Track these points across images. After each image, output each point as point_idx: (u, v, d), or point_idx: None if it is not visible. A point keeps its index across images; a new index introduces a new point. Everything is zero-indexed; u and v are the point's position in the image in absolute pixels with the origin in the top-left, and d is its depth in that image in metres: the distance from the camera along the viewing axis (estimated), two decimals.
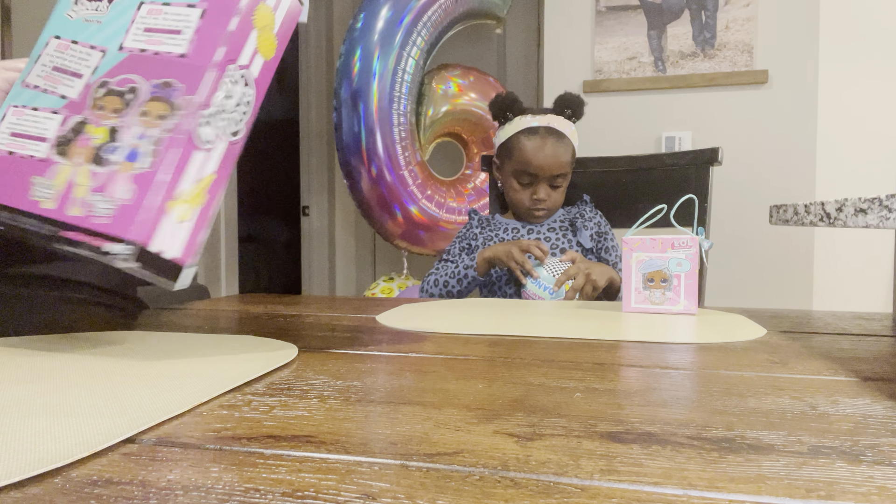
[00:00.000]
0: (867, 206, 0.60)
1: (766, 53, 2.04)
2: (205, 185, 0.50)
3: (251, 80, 0.52)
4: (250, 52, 0.51)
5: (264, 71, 0.53)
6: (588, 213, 1.29)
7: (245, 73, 0.51)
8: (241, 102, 0.52)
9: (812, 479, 0.27)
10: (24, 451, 0.29)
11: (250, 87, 0.52)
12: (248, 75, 0.51)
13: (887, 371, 0.47)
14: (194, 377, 0.43)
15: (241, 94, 0.51)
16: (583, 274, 1.03)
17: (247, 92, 0.52)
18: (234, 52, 0.50)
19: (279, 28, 0.53)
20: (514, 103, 1.27)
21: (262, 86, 0.53)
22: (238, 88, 0.51)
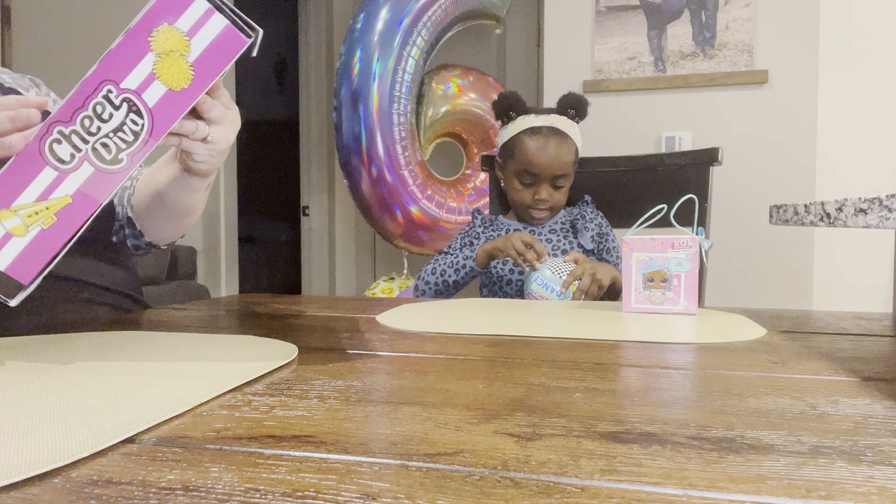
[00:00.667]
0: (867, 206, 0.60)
1: (766, 53, 2.04)
2: (55, 206, 0.47)
3: (142, 108, 0.46)
4: (141, 77, 0.46)
5: (170, 102, 0.46)
6: (589, 213, 1.29)
7: (130, 98, 0.46)
8: (123, 130, 0.47)
9: (812, 479, 0.27)
10: (24, 451, 0.29)
11: (140, 115, 0.46)
12: (136, 102, 0.46)
13: (887, 371, 0.47)
14: (194, 377, 0.43)
15: (121, 121, 0.46)
16: (588, 274, 1.03)
17: (133, 120, 0.46)
18: (114, 73, 0.46)
19: (200, 57, 0.46)
20: (518, 102, 1.27)
21: (164, 118, 0.47)
22: (118, 113, 0.46)
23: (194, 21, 0.45)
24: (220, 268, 2.90)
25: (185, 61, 0.46)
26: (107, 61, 0.46)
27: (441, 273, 1.21)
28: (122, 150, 0.47)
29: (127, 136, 0.47)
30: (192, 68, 0.46)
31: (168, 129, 0.47)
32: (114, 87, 0.46)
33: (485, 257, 1.17)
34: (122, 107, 0.46)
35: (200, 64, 0.46)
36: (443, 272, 1.21)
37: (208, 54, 0.46)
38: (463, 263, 1.19)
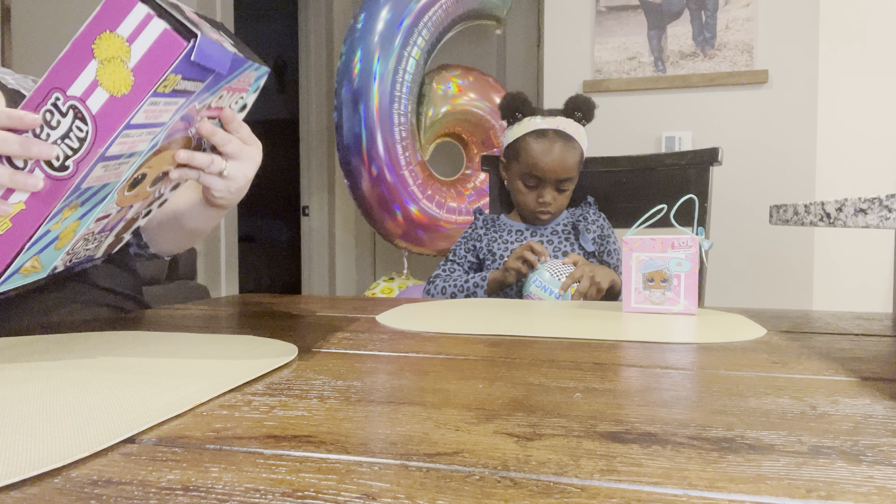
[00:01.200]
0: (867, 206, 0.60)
1: (766, 53, 2.04)
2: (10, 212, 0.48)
3: (86, 115, 0.47)
4: (86, 84, 0.46)
5: (112, 108, 0.46)
6: (591, 215, 1.29)
7: (76, 105, 0.46)
8: (70, 136, 0.47)
9: (812, 479, 0.27)
10: (24, 451, 0.29)
11: (85, 122, 0.47)
12: (81, 108, 0.46)
13: (887, 371, 0.47)
14: (194, 377, 0.43)
15: (68, 127, 0.47)
16: (587, 277, 1.03)
17: (79, 126, 0.47)
18: (62, 81, 0.46)
19: (139, 63, 0.46)
20: (524, 103, 1.26)
21: (107, 124, 0.47)
22: (65, 120, 0.47)
23: (134, 27, 0.45)
24: (220, 268, 2.90)
25: (125, 67, 0.46)
26: (56, 69, 0.46)
27: (451, 296, 1.21)
28: (69, 157, 0.48)
29: (73, 142, 0.48)
30: (132, 74, 0.46)
31: (110, 136, 0.47)
32: (61, 95, 0.47)
33: (496, 287, 1.17)
34: (69, 114, 0.47)
35: (140, 69, 0.46)
36: (452, 294, 1.21)
37: (147, 59, 0.46)
38: (473, 291, 1.19)
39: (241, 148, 0.66)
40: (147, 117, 0.49)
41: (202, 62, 0.48)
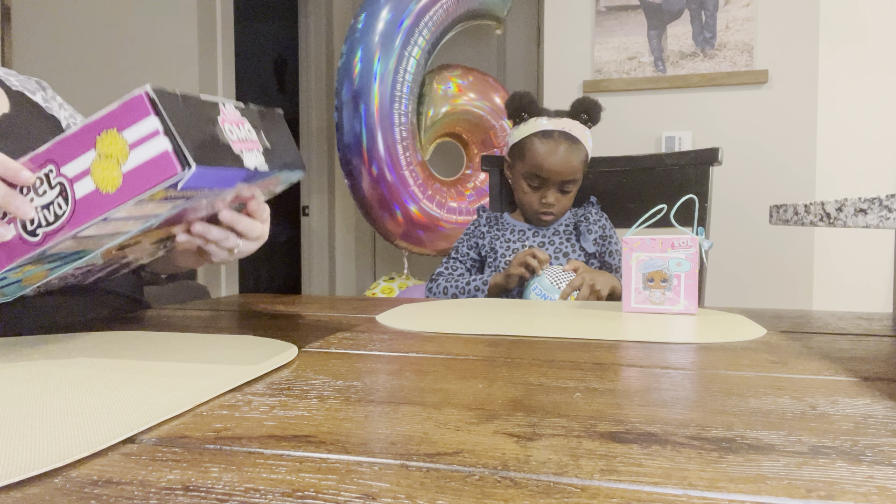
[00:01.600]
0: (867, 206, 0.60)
1: (766, 53, 2.04)
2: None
3: (69, 196, 0.47)
4: (79, 169, 0.47)
5: (94, 200, 0.47)
6: (593, 215, 1.29)
7: (63, 184, 0.47)
8: (49, 209, 0.48)
9: (812, 479, 0.27)
10: (24, 451, 0.29)
11: (66, 202, 0.47)
12: (67, 189, 0.47)
13: (887, 371, 0.47)
14: (194, 377, 0.43)
15: (51, 200, 0.48)
16: (587, 285, 1.03)
17: (59, 203, 0.48)
18: (60, 157, 0.47)
19: (132, 170, 0.46)
20: (531, 104, 1.26)
21: (85, 212, 0.47)
22: (50, 193, 0.48)
23: (139, 136, 0.45)
24: (220, 268, 2.90)
25: (118, 168, 0.46)
26: (59, 144, 0.47)
27: (452, 297, 1.21)
28: (42, 227, 0.48)
29: (50, 215, 0.48)
30: (122, 177, 0.46)
31: (83, 223, 0.48)
32: (55, 169, 0.47)
33: (497, 290, 1.17)
34: (56, 188, 0.48)
35: (131, 176, 0.46)
36: (454, 296, 1.21)
37: (140, 170, 0.46)
38: (475, 295, 1.19)
39: (257, 229, 0.66)
40: (133, 213, 0.49)
41: (192, 187, 0.48)
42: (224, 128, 0.51)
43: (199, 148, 0.47)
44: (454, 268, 1.27)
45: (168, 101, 0.46)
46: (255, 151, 0.54)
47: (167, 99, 0.46)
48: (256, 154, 0.54)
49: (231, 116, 0.53)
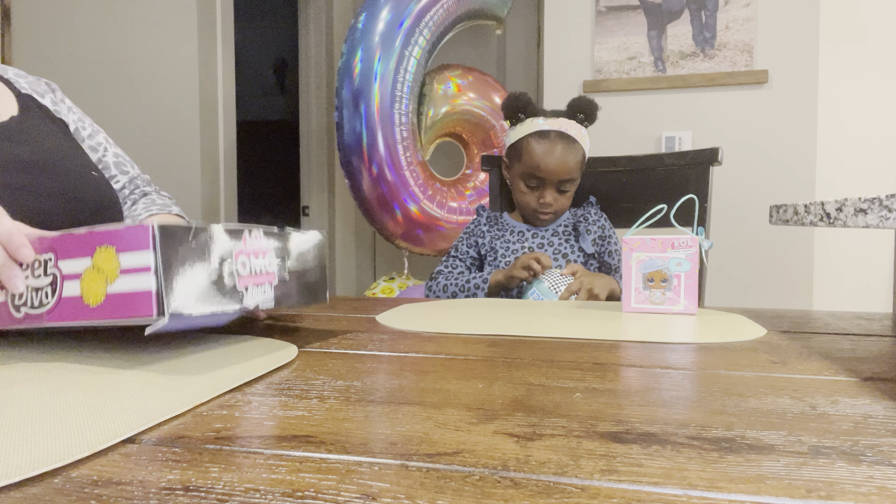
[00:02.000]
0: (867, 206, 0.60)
1: (766, 53, 2.04)
2: None
3: (57, 289, 0.47)
4: (73, 270, 0.47)
5: (76, 307, 0.46)
6: (592, 215, 1.29)
7: (56, 277, 0.47)
8: (38, 293, 0.48)
9: (812, 479, 0.27)
10: (24, 451, 0.29)
11: (52, 295, 0.47)
12: (57, 283, 0.47)
13: (887, 371, 0.47)
14: (194, 377, 0.43)
15: (41, 286, 0.48)
16: (585, 290, 1.04)
17: (47, 292, 0.48)
18: (63, 250, 0.47)
19: (116, 295, 0.45)
20: (528, 104, 1.26)
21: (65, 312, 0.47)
22: (43, 280, 0.48)
23: (133, 265, 0.45)
24: None
25: (105, 286, 0.46)
26: (65, 238, 0.47)
27: (452, 295, 1.21)
28: (25, 306, 0.49)
29: (36, 299, 0.48)
30: (105, 296, 0.46)
31: (61, 321, 0.47)
32: (54, 258, 0.48)
33: (497, 290, 1.17)
34: (49, 277, 0.48)
35: (112, 299, 0.45)
36: (454, 294, 1.21)
37: (122, 298, 0.45)
38: (474, 293, 1.19)
39: None
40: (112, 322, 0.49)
41: (172, 328, 0.47)
42: (236, 262, 0.50)
43: (186, 296, 0.45)
44: (454, 266, 1.28)
45: (174, 239, 0.45)
46: (265, 286, 0.53)
47: (174, 236, 0.45)
48: (266, 288, 0.53)
49: (252, 247, 0.52)
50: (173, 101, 2.58)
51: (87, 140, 0.92)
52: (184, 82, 2.56)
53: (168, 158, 2.54)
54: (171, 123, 2.58)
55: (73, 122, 0.91)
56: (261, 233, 0.53)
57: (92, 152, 0.92)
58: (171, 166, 2.54)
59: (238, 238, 0.50)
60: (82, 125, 0.93)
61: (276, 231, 0.55)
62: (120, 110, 2.55)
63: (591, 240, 1.25)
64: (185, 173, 2.57)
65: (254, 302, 0.52)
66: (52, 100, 0.91)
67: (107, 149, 0.94)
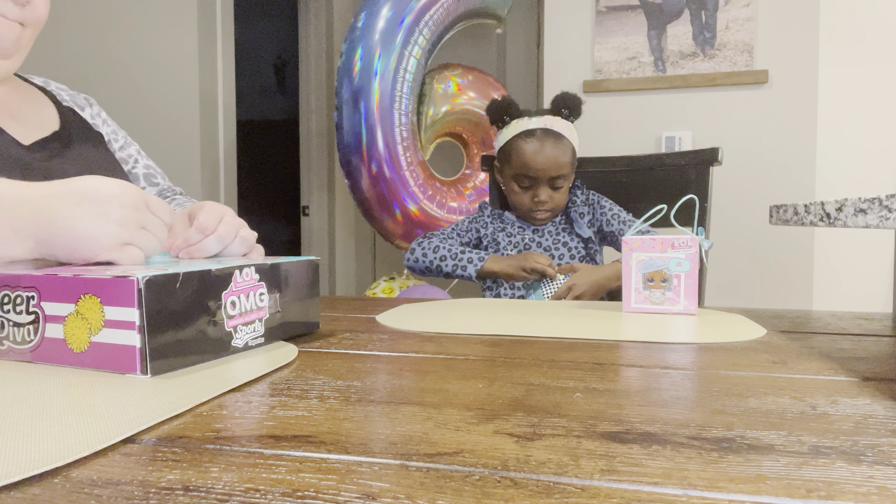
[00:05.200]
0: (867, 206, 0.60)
1: (766, 53, 2.04)
2: None
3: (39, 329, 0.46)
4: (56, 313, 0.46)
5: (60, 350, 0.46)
6: (580, 197, 1.30)
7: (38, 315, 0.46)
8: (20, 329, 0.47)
9: (812, 479, 0.27)
10: (24, 451, 0.29)
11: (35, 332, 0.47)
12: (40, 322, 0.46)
13: (887, 371, 0.47)
14: (195, 377, 0.43)
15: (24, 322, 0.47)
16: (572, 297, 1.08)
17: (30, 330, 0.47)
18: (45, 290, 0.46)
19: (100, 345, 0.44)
20: (511, 107, 1.27)
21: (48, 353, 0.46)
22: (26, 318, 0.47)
23: (118, 318, 0.44)
24: None
25: (88, 335, 0.45)
26: (52, 279, 0.46)
27: (441, 258, 1.21)
28: (8, 340, 0.48)
29: (17, 335, 0.48)
30: (89, 344, 0.45)
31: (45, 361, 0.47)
32: (36, 297, 0.47)
33: (489, 274, 1.18)
34: (32, 315, 0.47)
35: (95, 349, 0.45)
36: (442, 258, 1.21)
37: (106, 348, 0.44)
38: (465, 265, 1.19)
39: None
40: None
41: None
42: (225, 303, 0.49)
43: (173, 349, 0.45)
44: (450, 236, 1.28)
45: (160, 291, 0.44)
46: (255, 323, 0.52)
47: (161, 288, 0.44)
48: (256, 325, 0.52)
49: (243, 284, 0.51)
50: (173, 100, 2.57)
51: (118, 152, 0.94)
52: (184, 81, 2.56)
53: (168, 158, 2.54)
54: (171, 123, 2.58)
55: (106, 134, 0.93)
56: (252, 270, 0.52)
57: (123, 163, 0.93)
58: (171, 166, 2.54)
59: (228, 279, 0.49)
60: (115, 137, 0.95)
61: (270, 265, 0.54)
62: (120, 110, 2.55)
63: (584, 223, 1.26)
64: (185, 173, 2.57)
65: (244, 340, 0.51)
66: (90, 113, 0.93)
67: (137, 160, 0.96)
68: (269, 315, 0.54)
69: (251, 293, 0.52)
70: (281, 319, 0.56)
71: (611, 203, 1.28)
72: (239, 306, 0.50)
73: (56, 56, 2.67)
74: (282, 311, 0.56)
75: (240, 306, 0.51)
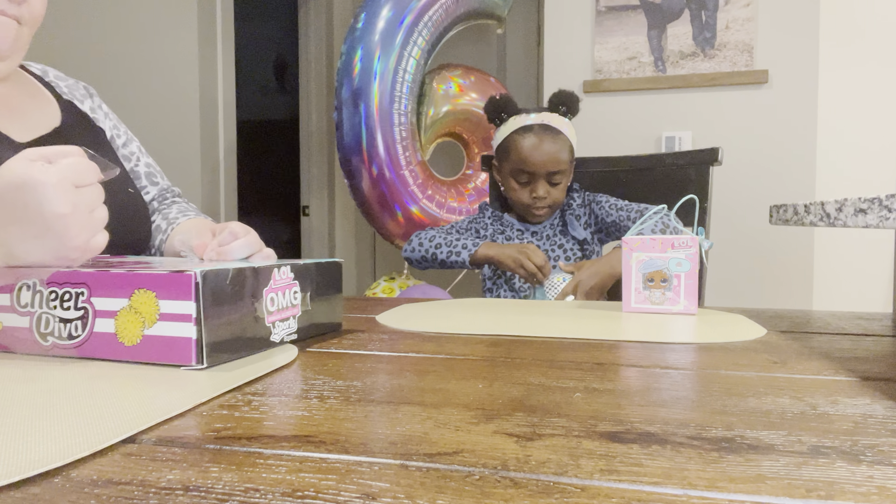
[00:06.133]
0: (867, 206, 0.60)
1: (766, 53, 2.04)
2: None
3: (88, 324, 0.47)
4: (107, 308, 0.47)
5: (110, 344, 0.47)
6: (576, 199, 1.30)
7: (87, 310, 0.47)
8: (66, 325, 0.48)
9: (812, 479, 0.27)
10: (24, 451, 0.29)
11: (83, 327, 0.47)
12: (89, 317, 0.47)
13: (887, 371, 0.47)
14: (195, 377, 0.43)
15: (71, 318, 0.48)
16: (582, 293, 1.07)
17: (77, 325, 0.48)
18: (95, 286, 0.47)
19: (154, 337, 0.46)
20: (508, 104, 1.28)
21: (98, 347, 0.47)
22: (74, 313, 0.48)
23: (174, 311, 0.45)
24: None
25: (142, 329, 0.46)
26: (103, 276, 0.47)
27: (436, 246, 1.22)
28: (53, 336, 0.49)
29: (63, 331, 0.48)
30: (142, 338, 0.46)
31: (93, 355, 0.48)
32: (86, 293, 0.47)
33: (484, 260, 1.18)
34: (80, 311, 0.48)
35: (149, 341, 0.46)
36: (437, 245, 1.22)
37: (160, 341, 0.46)
38: (459, 251, 1.19)
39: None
40: None
41: None
42: (265, 300, 0.51)
43: (224, 341, 0.47)
44: (449, 232, 1.29)
45: (213, 284, 0.46)
46: (290, 319, 0.55)
47: (214, 281, 0.46)
48: (290, 322, 0.55)
49: (281, 282, 0.53)
50: (173, 100, 2.57)
51: (120, 149, 0.93)
52: (184, 81, 2.56)
53: (168, 158, 2.54)
54: (171, 123, 2.58)
55: (108, 130, 0.92)
56: (288, 269, 0.54)
57: (125, 161, 0.92)
58: (171, 166, 2.54)
59: (268, 276, 0.52)
60: (117, 133, 0.93)
61: (302, 265, 0.56)
62: (120, 110, 2.54)
63: (580, 224, 1.26)
64: (185, 173, 2.57)
65: (280, 336, 0.53)
66: (91, 106, 0.91)
67: (139, 158, 0.95)
68: (301, 313, 0.56)
69: (287, 291, 0.54)
70: (311, 318, 0.58)
71: (607, 196, 1.29)
72: (277, 303, 0.53)
73: (56, 56, 2.67)
74: (311, 310, 0.58)
75: (277, 303, 0.53)
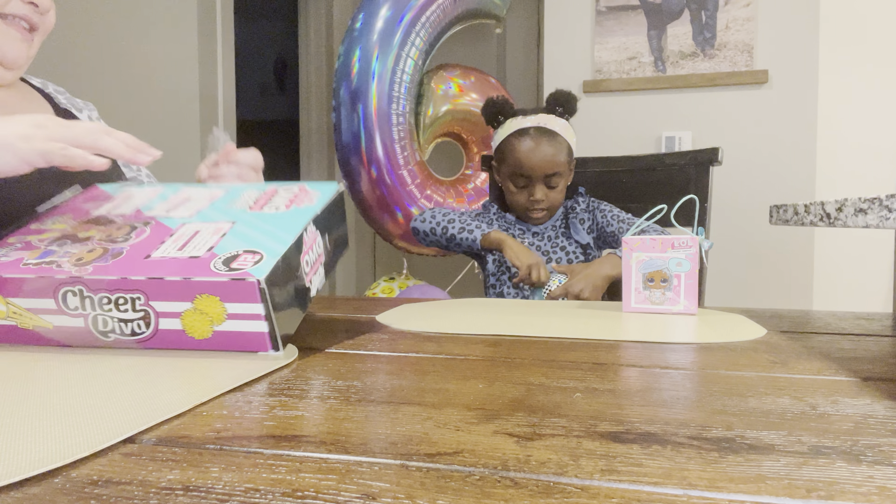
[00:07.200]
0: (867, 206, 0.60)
1: (766, 53, 2.04)
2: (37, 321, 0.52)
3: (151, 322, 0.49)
4: (169, 310, 0.48)
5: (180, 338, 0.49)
6: (581, 205, 1.29)
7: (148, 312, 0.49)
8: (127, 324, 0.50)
9: (812, 479, 0.27)
10: (24, 451, 0.29)
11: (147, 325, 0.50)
12: (151, 317, 0.49)
13: (887, 371, 0.47)
14: (194, 377, 0.43)
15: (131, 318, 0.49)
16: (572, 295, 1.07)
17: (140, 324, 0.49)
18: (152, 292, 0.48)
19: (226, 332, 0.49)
20: (505, 106, 1.27)
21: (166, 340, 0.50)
22: (132, 314, 0.49)
23: (242, 312, 0.48)
24: None
25: (210, 326, 0.49)
26: (158, 283, 0.48)
27: (449, 221, 1.22)
28: (115, 333, 0.51)
29: (125, 329, 0.51)
30: (212, 332, 0.49)
31: (162, 347, 0.50)
32: (143, 298, 0.49)
33: (495, 245, 1.18)
34: (141, 313, 0.50)
35: (221, 335, 0.49)
36: (451, 220, 1.22)
37: (233, 335, 0.49)
38: (472, 230, 1.20)
39: None
40: None
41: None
42: (303, 264, 0.53)
43: (287, 316, 0.50)
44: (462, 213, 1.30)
45: (274, 281, 0.48)
46: (319, 269, 0.57)
47: (275, 275, 0.48)
48: (320, 271, 0.57)
49: (310, 241, 0.55)
50: (173, 100, 2.57)
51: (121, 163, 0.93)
52: (184, 81, 2.56)
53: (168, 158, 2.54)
54: (172, 123, 2.58)
55: None
56: (313, 227, 0.56)
57: (126, 169, 0.93)
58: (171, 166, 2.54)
59: (300, 243, 0.53)
60: None
61: (321, 212, 0.57)
62: (120, 109, 2.55)
63: (583, 230, 1.26)
64: (184, 173, 2.56)
65: (316, 287, 0.56)
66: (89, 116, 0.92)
67: (140, 168, 0.95)
68: (326, 258, 0.58)
69: (314, 247, 0.56)
70: (331, 255, 0.60)
71: (611, 206, 1.28)
72: (310, 260, 0.55)
73: (56, 56, 2.67)
74: (332, 248, 0.60)
75: (310, 260, 0.55)
